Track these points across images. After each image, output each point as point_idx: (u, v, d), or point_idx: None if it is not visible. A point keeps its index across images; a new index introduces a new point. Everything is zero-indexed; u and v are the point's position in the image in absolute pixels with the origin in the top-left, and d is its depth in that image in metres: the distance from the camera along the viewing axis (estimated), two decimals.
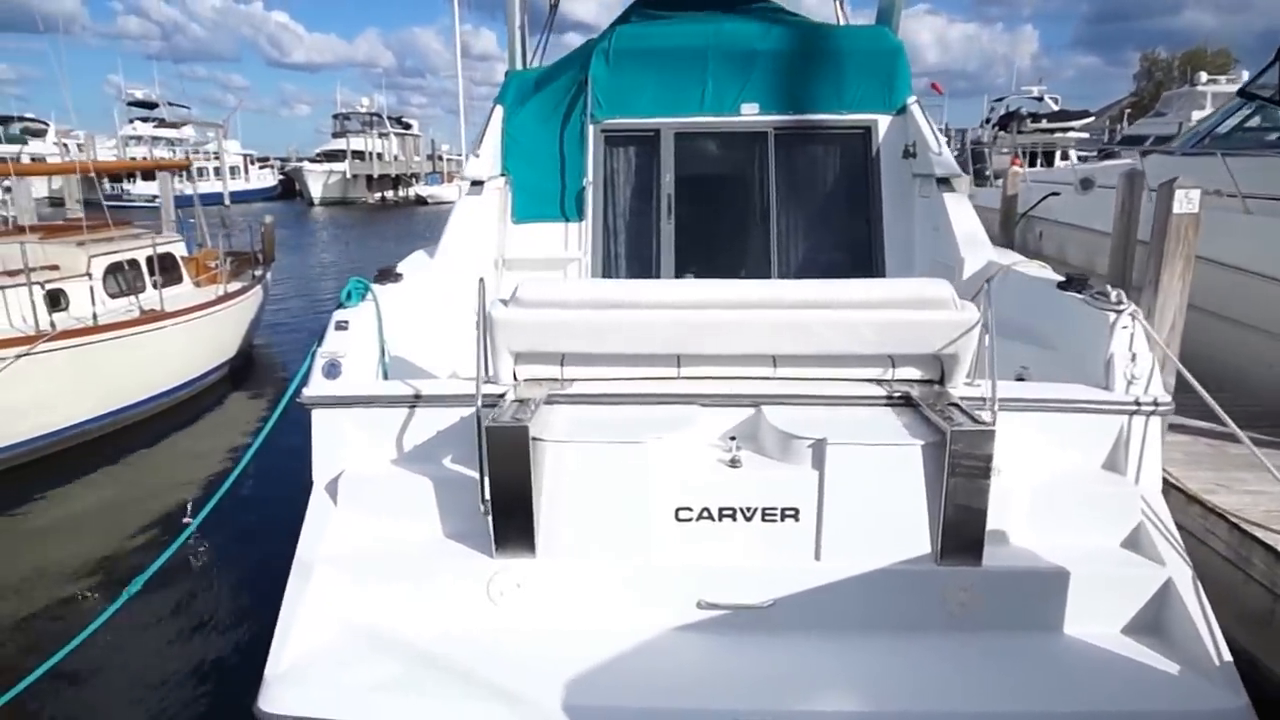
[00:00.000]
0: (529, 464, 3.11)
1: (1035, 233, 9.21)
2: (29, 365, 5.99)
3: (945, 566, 3.07)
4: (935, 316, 3.33)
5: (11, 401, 6.00)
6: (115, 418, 6.96)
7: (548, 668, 2.93)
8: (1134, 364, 3.51)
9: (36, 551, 5.39)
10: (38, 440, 6.38)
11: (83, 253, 7.43)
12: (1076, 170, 8.84)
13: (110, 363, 6.79)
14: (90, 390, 6.66)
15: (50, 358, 6.18)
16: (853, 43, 6.12)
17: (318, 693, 2.84)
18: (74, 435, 6.69)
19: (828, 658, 3.01)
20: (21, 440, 6.21)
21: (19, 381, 5.96)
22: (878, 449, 3.13)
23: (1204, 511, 4.13)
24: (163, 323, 7.51)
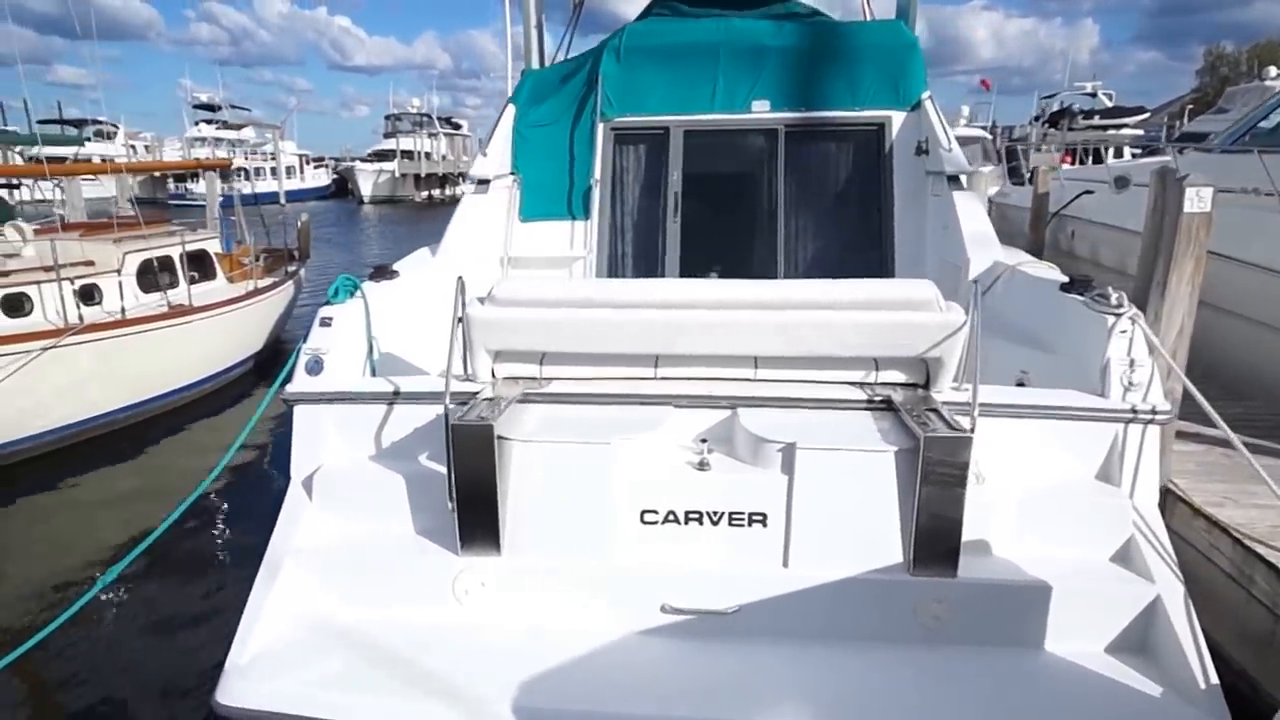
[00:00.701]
0: (494, 462, 3.12)
1: (1067, 232, 8.90)
2: (58, 357, 6.24)
3: (918, 577, 2.98)
4: (918, 319, 3.24)
5: (42, 391, 6.26)
6: (142, 408, 7.21)
7: (506, 667, 2.93)
8: (1132, 370, 3.38)
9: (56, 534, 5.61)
10: (66, 429, 6.65)
11: (117, 249, 7.71)
12: (1110, 168, 8.51)
13: (136, 355, 7.04)
14: (117, 382, 6.90)
15: (78, 350, 6.43)
16: (866, 38, 6.01)
17: (274, 687, 2.88)
18: (102, 425, 6.95)
19: (793, 667, 2.94)
20: (51, 429, 6.48)
21: (49, 372, 6.21)
22: (848, 454, 3.06)
23: (1208, 525, 3.94)
24: (189, 317, 7.75)
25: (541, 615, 3.13)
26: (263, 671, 2.97)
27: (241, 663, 3.02)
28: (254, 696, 2.89)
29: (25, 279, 6.54)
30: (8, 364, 5.92)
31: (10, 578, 5.13)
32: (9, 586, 5.04)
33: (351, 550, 3.30)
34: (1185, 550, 4.18)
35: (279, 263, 11.22)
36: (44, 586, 5.02)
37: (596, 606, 3.13)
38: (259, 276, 9.97)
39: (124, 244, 7.88)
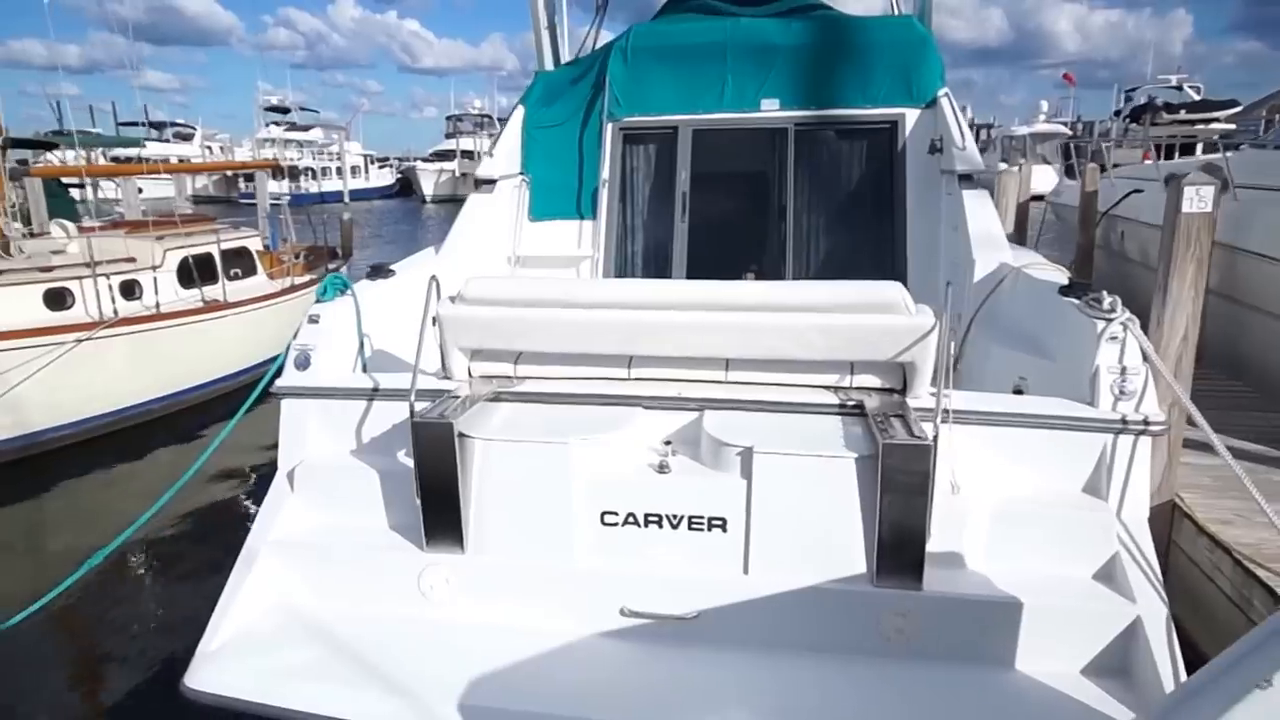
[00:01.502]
0: (455, 459, 3.16)
1: (1117, 232, 8.52)
2: (93, 349, 6.57)
3: (881, 588, 2.91)
4: (884, 322, 3.17)
5: (78, 382, 6.60)
6: (176, 399, 7.53)
7: (463, 665, 2.97)
8: (1123, 378, 3.24)
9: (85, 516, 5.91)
10: (101, 418, 6.98)
11: (159, 246, 8.06)
12: (1160, 166, 8.12)
13: (170, 348, 7.35)
14: (151, 373, 7.23)
15: (113, 343, 6.76)
16: (877, 34, 5.86)
17: (239, 675, 2.98)
18: (137, 415, 7.29)
19: (751, 677, 2.91)
20: (86, 418, 6.82)
21: (85, 364, 6.55)
22: (807, 459, 3.01)
23: (1211, 544, 3.75)
24: (223, 312, 8.06)
25: (503, 614, 3.17)
26: (231, 659, 3.08)
27: (211, 649, 3.14)
28: (220, 683, 2.99)
29: (68, 274, 6.89)
30: (44, 355, 6.25)
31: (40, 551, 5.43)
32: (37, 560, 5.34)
33: (326, 543, 3.39)
34: (1189, 569, 3.98)
35: (320, 260, 11.56)
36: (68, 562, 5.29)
37: (557, 607, 3.14)
38: (299, 273, 10.30)
39: (166, 241, 8.24)
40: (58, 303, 6.84)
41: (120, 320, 6.80)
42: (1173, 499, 3.95)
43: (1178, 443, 3.85)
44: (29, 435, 6.40)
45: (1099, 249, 9.06)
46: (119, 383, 6.98)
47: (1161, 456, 3.87)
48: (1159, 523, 3.98)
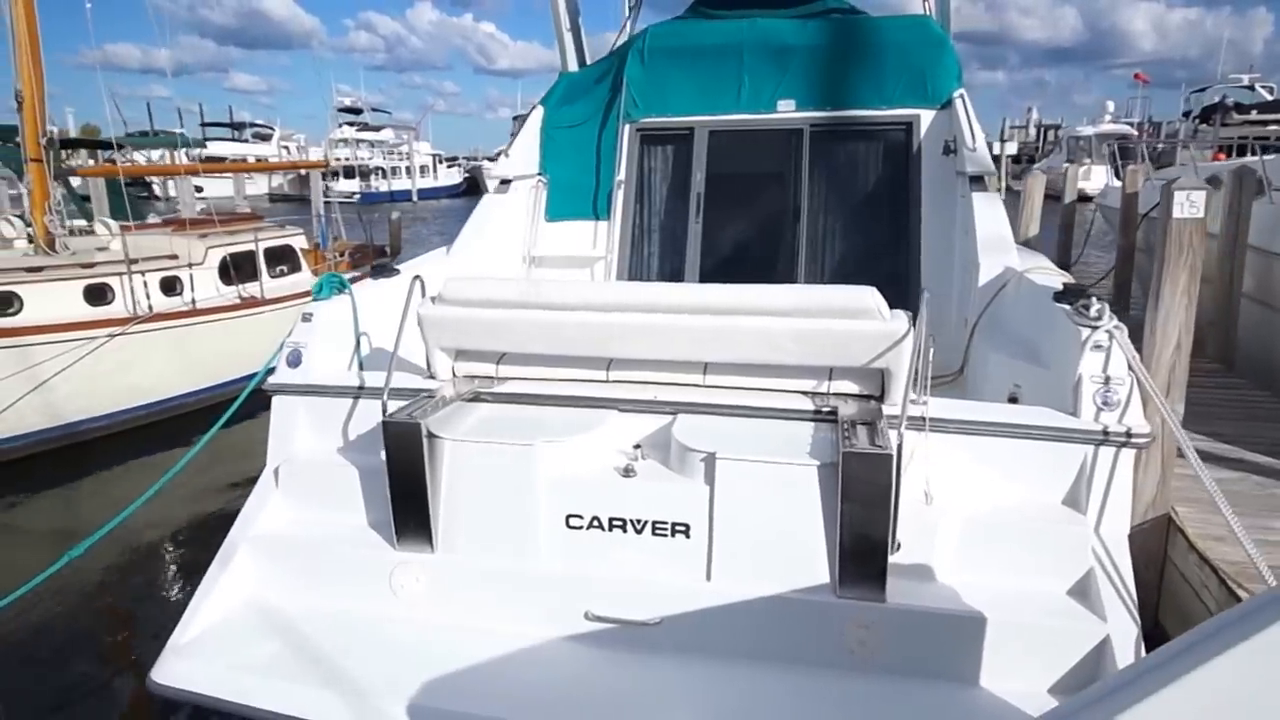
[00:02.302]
0: (423, 459, 3.25)
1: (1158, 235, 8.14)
2: (128, 342, 6.93)
3: (844, 599, 2.89)
4: (856, 327, 3.15)
5: (113, 374, 6.96)
6: (211, 393, 7.84)
7: (426, 666, 3.04)
8: (1106, 388, 3.14)
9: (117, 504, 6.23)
10: (137, 410, 7.33)
11: (201, 244, 8.44)
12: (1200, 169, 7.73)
13: (206, 343, 7.69)
14: (187, 367, 7.57)
15: (149, 337, 7.10)
16: (892, 34, 5.78)
17: (204, 671, 3.09)
18: (173, 407, 7.64)
19: (711, 686, 2.91)
20: (123, 409, 7.19)
21: (120, 357, 6.90)
22: (769, 466, 3.00)
23: (1200, 561, 3.58)
24: (258, 308, 8.38)
25: (469, 615, 3.23)
26: (199, 654, 3.20)
27: (181, 643, 3.26)
28: (185, 678, 3.11)
29: (108, 271, 7.28)
30: (78, 349, 6.62)
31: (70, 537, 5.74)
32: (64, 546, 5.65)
33: (304, 539, 3.50)
34: (1181, 586, 3.80)
35: (365, 258, 11.91)
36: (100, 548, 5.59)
37: (522, 609, 3.19)
38: (343, 270, 10.64)
39: (209, 239, 8.62)
40: (98, 298, 7.23)
41: (154, 315, 7.15)
42: (1167, 513, 3.76)
43: (1171, 455, 3.67)
44: (66, 426, 6.77)
45: (1141, 252, 8.67)
46: (154, 376, 7.32)
47: (1155, 469, 3.70)
48: (1153, 537, 3.81)
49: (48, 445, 6.86)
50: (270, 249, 9.47)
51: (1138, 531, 3.79)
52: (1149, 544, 3.77)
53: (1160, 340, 3.61)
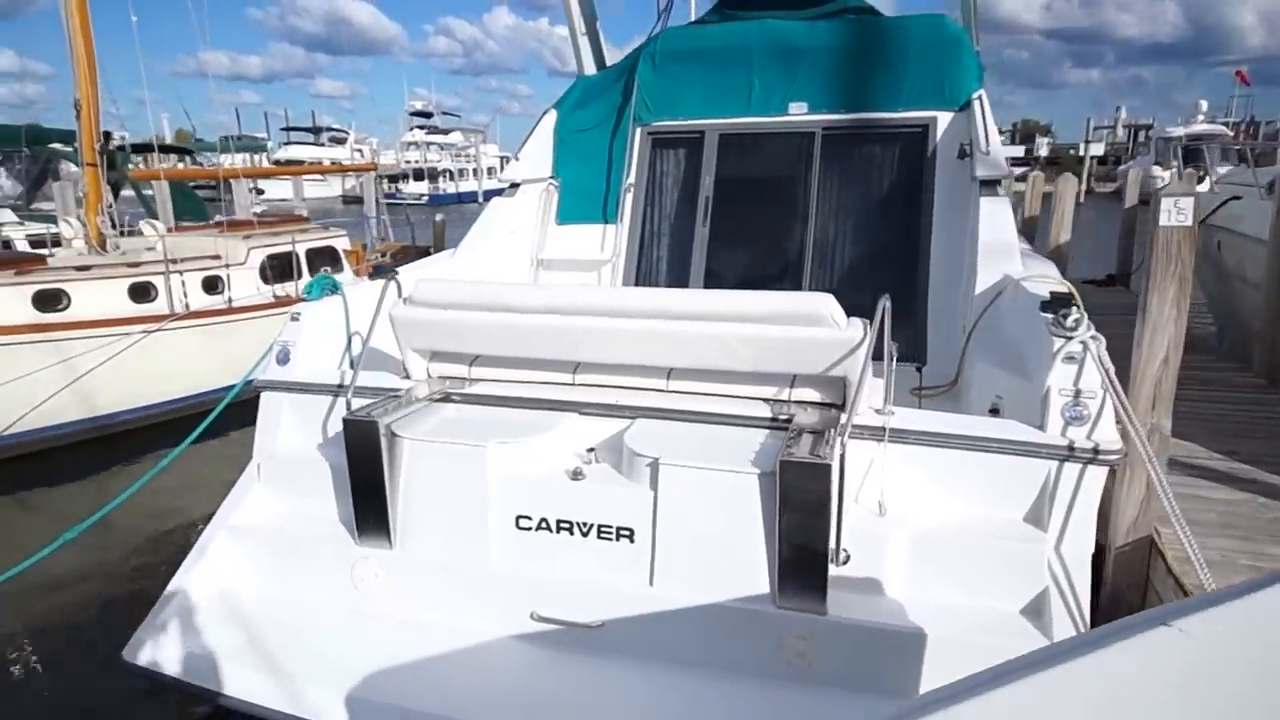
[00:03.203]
0: (380, 456, 3.37)
1: (1213, 242, 7.70)
2: (165, 339, 7.29)
3: (784, 610, 2.89)
4: (809, 334, 3.13)
5: (149, 369, 7.32)
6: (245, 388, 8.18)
7: (377, 659, 3.16)
8: (1076, 402, 3.05)
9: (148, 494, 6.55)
10: (171, 403, 7.68)
11: (244, 245, 8.81)
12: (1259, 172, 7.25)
13: (241, 339, 8.00)
14: (221, 363, 7.88)
15: (185, 334, 7.45)
16: (907, 34, 5.64)
17: (173, 652, 3.27)
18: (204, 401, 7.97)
19: (649, 692, 2.95)
20: (156, 402, 7.54)
21: (156, 352, 7.26)
22: (711, 473, 3.02)
23: (1176, 587, 3.38)
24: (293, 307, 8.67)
25: (422, 611, 3.32)
26: (169, 636, 3.38)
27: (154, 625, 3.45)
28: (154, 659, 3.29)
29: (152, 270, 7.67)
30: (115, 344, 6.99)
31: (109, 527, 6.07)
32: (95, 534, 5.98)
33: (278, 531, 3.66)
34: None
35: (408, 259, 12.21)
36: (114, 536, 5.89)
37: (473, 607, 3.28)
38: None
39: (251, 240, 8.99)
40: (141, 295, 7.63)
41: (190, 313, 7.50)
42: (1150, 534, 3.57)
43: (1140, 472, 3.48)
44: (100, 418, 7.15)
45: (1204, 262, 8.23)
46: (188, 371, 7.67)
47: (1138, 488, 3.52)
48: (1136, 558, 3.64)
49: (82, 436, 7.23)
50: (312, 249, 9.80)
51: (1120, 552, 3.62)
52: (1132, 565, 3.58)
53: (1147, 354, 3.42)
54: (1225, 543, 3.58)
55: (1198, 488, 4.13)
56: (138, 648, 3.36)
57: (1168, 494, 2.84)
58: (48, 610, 5.07)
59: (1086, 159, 40.72)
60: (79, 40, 7.83)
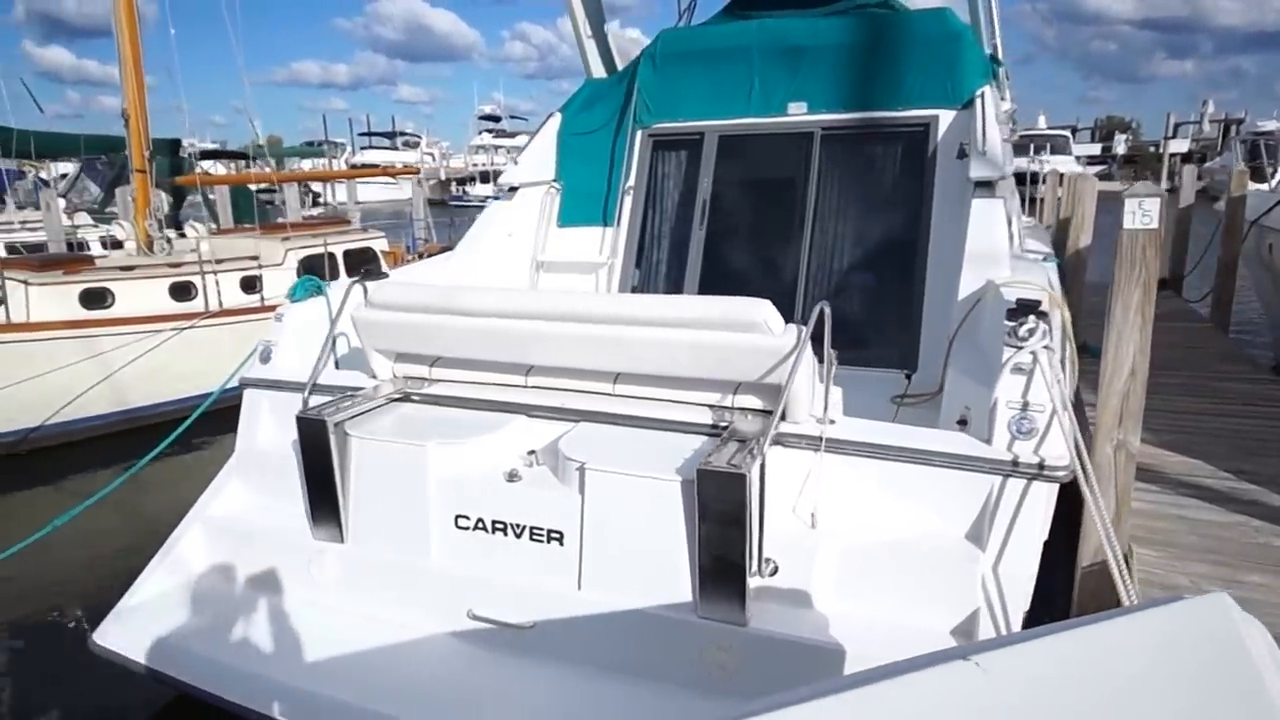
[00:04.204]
0: (329, 453, 3.49)
1: (1265, 244, 7.24)
2: (198, 336, 7.64)
3: (704, 620, 2.89)
4: (742, 340, 3.11)
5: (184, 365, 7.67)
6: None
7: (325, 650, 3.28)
8: (1023, 415, 2.96)
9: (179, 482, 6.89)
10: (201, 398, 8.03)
11: (281, 246, 9.17)
12: None
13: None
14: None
15: (217, 331, 7.79)
16: (907, 30, 5.49)
17: (138, 638, 3.45)
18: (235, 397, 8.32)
19: (574, 694, 3.00)
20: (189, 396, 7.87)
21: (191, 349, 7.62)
22: (634, 479, 3.05)
23: None
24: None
25: (369, 605, 3.43)
26: (137, 621, 3.56)
27: (123, 610, 3.65)
28: (120, 643, 3.49)
29: (192, 270, 8.06)
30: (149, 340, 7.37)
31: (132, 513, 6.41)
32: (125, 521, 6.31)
33: (248, 524, 3.83)
34: None
35: None
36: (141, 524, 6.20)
37: (415, 604, 3.37)
38: None
39: (289, 242, 9.35)
40: (182, 294, 8.03)
41: (219, 312, 7.85)
42: (1125, 549, 3.39)
43: (1127, 492, 3.30)
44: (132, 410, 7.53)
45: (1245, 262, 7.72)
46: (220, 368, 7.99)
47: (1109, 504, 3.34)
48: (1104, 580, 3.44)
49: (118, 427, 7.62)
50: (351, 251, 10.13)
51: (1088, 573, 3.45)
52: (1100, 587, 3.40)
53: (1112, 366, 3.24)
54: (1202, 568, 3.37)
55: (1186, 508, 3.90)
56: (106, 632, 3.55)
57: (1103, 515, 2.69)
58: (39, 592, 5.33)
59: (1165, 156, 38.59)
60: (128, 55, 8.29)
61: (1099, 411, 3.30)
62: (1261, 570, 3.30)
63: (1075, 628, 1.00)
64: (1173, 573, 3.30)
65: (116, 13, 8.31)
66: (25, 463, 7.29)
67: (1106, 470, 3.29)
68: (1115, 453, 3.28)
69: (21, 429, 7.23)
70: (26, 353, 6.91)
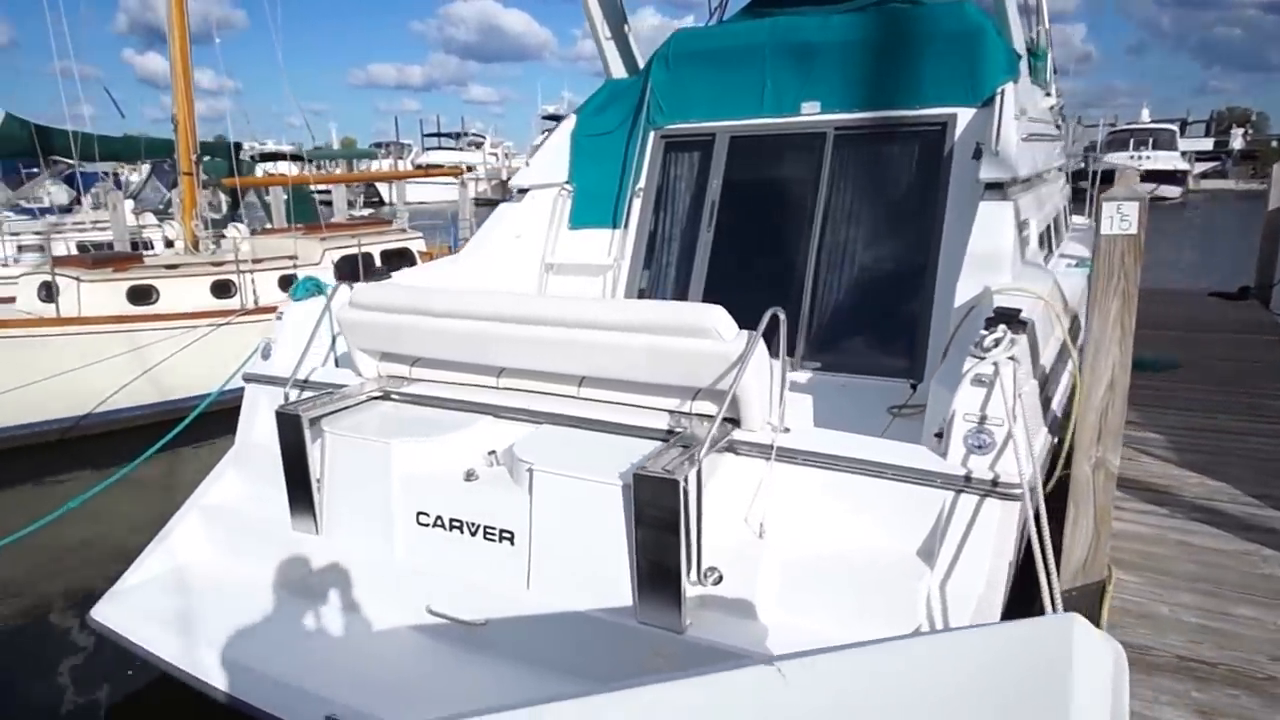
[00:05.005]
0: (304, 447, 3.61)
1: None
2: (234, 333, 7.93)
3: (644, 625, 2.91)
4: (694, 345, 3.11)
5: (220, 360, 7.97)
6: None
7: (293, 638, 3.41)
8: (980, 429, 2.89)
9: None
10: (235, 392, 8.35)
11: (319, 246, 9.47)
12: None
13: None
14: None
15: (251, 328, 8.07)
16: (925, 24, 5.33)
17: (131, 617, 3.65)
18: None
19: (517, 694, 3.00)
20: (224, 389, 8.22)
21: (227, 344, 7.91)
22: (579, 482, 3.08)
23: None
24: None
25: (340, 596, 3.55)
26: (132, 601, 3.76)
27: (121, 589, 3.85)
28: (115, 620, 3.68)
29: (233, 269, 8.40)
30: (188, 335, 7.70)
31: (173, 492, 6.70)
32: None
33: (239, 512, 4.00)
34: None
35: None
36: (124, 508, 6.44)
37: (380, 597, 3.47)
38: None
39: (327, 242, 9.64)
40: (223, 292, 8.37)
41: (252, 310, 8.15)
42: (1102, 579, 3.22)
43: (1107, 512, 3.14)
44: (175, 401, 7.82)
45: None
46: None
47: (1086, 527, 3.19)
48: (1085, 605, 3.30)
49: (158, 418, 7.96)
50: (388, 251, 10.39)
51: (1068, 598, 3.29)
52: (1086, 612, 3.24)
53: (1089, 380, 3.08)
54: (1187, 597, 3.18)
55: (1193, 533, 3.68)
56: (102, 609, 3.74)
57: (1044, 537, 2.56)
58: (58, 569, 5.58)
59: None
60: (177, 63, 8.69)
61: (1077, 428, 3.15)
62: (1254, 603, 3.09)
63: (899, 642, 1.00)
64: (1152, 601, 3.12)
65: (169, 22, 8.71)
66: (73, 448, 7.70)
67: (1084, 489, 3.14)
68: (1094, 471, 3.12)
69: (71, 416, 7.65)
70: (76, 345, 7.32)
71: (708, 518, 2.91)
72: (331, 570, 3.59)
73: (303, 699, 3.03)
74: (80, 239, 11.96)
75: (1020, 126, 4.90)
